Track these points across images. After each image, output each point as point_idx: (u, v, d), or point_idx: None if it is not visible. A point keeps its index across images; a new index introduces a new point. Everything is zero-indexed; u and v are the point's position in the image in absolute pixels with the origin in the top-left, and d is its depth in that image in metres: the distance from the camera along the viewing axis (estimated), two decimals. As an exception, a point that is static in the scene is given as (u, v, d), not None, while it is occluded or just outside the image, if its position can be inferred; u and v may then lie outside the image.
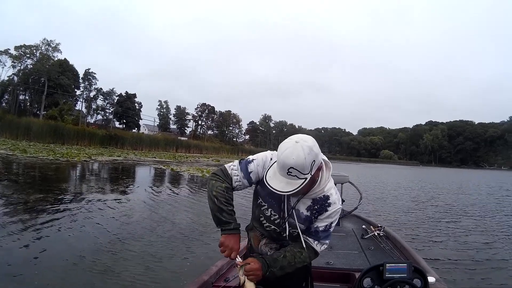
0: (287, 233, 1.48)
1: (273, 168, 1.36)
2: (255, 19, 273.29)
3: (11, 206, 6.67)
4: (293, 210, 1.44)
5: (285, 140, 1.32)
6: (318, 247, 1.47)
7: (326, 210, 1.43)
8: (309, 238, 1.47)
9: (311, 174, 1.29)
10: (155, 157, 31.13)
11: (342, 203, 4.69)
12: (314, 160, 1.27)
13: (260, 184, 1.52)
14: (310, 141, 1.29)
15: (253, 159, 1.49)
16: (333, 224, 1.48)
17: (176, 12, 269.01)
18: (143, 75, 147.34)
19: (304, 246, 1.45)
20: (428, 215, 9.44)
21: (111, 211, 7.01)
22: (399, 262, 2.05)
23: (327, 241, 1.48)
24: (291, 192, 1.27)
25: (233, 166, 1.49)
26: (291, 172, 1.25)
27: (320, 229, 1.45)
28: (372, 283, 1.97)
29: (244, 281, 1.38)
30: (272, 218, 1.50)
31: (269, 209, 1.50)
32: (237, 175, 1.47)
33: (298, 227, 1.44)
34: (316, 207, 1.44)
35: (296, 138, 1.29)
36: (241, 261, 1.42)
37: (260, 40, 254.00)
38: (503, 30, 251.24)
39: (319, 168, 1.35)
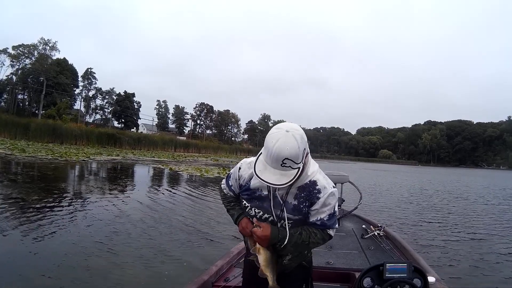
0: (287, 229, 1.44)
1: (261, 162, 1.31)
2: (251, 11, 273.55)
3: (9, 205, 6.64)
4: (285, 204, 1.41)
5: (272, 130, 1.28)
6: (331, 232, 1.46)
7: (318, 198, 1.38)
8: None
9: (302, 162, 1.27)
10: (153, 157, 31.07)
11: (342, 203, 4.66)
12: (305, 148, 1.27)
13: (240, 188, 1.56)
14: (299, 129, 1.27)
15: (230, 174, 1.62)
16: (336, 208, 1.44)
17: (173, 5, 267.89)
18: (141, 74, 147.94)
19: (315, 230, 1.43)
20: (428, 215, 9.45)
21: (109, 210, 6.99)
22: (399, 262, 2.05)
23: (336, 225, 1.46)
24: (288, 184, 1.25)
25: (224, 181, 1.68)
26: (285, 163, 1.22)
27: (325, 219, 1.41)
28: (372, 283, 1.97)
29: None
30: (257, 216, 1.48)
31: (253, 208, 1.48)
32: (225, 188, 1.66)
33: (289, 218, 1.41)
34: (303, 194, 1.40)
35: (285, 127, 1.26)
36: (255, 220, 1.45)
37: (260, 37, 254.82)
38: (505, 29, 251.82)
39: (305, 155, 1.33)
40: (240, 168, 1.53)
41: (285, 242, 1.38)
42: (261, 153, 1.35)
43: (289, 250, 1.43)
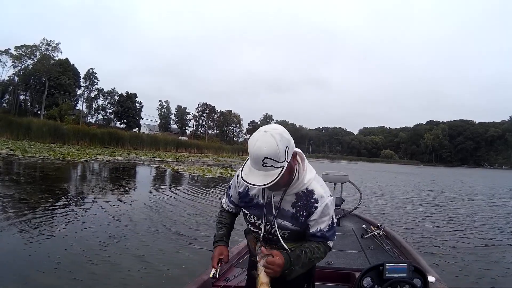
0: (278, 235, 1.42)
1: (247, 165, 1.32)
2: (251, 11, 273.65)
3: (12, 206, 6.68)
4: (279, 210, 1.40)
5: (254, 133, 1.28)
6: (330, 244, 1.46)
7: (315, 207, 1.37)
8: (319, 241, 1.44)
9: (287, 161, 1.25)
10: (156, 157, 31.10)
11: (342, 203, 4.64)
12: (287, 146, 1.24)
13: (239, 196, 1.57)
14: (279, 128, 1.26)
15: (230, 185, 1.64)
16: (334, 218, 1.44)
17: (173, 5, 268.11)
18: (141, 74, 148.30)
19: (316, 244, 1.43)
20: (429, 215, 9.44)
21: (111, 211, 7.02)
22: (399, 262, 2.04)
23: (335, 238, 1.47)
24: (271, 183, 1.22)
25: (225, 195, 1.70)
26: (266, 163, 1.21)
27: (325, 230, 1.41)
28: (372, 283, 1.96)
29: (261, 271, 1.33)
30: (256, 224, 1.47)
31: (252, 216, 1.48)
32: (225, 202, 1.69)
33: (286, 228, 1.40)
34: (300, 203, 1.39)
35: (264, 128, 1.26)
36: (264, 250, 1.36)
37: (260, 37, 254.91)
38: (505, 29, 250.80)
39: (294, 156, 1.32)
40: (239, 176, 1.52)
41: (296, 267, 1.36)
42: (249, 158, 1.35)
43: (297, 272, 1.40)
